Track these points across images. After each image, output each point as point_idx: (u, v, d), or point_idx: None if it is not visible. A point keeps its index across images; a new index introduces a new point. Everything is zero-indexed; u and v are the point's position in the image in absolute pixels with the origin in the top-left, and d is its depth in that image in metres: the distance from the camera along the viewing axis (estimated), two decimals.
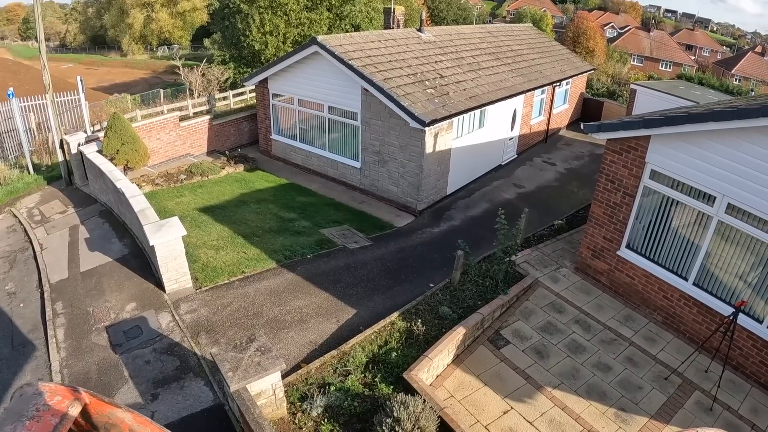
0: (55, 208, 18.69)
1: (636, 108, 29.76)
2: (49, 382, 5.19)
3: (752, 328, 11.39)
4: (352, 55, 19.58)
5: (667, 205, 12.69)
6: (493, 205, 20.65)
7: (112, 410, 5.41)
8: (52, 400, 4.91)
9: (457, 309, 13.03)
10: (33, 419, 4.70)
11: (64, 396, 5.00)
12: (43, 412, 4.77)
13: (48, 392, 4.97)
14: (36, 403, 4.86)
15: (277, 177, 22.85)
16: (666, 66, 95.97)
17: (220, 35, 43.29)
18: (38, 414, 4.74)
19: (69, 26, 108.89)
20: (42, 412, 4.77)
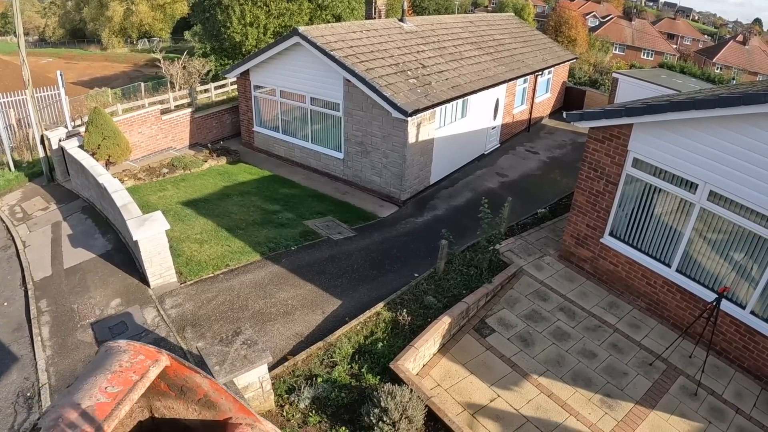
0: (37, 205, 18.55)
1: (618, 97, 29.90)
2: (135, 342, 5.36)
3: (735, 314, 11.53)
4: (333, 45, 19.53)
5: (649, 193, 12.78)
6: (476, 194, 20.71)
7: (190, 374, 5.52)
8: (135, 358, 5.09)
9: (442, 298, 13.08)
10: (115, 374, 4.88)
11: (147, 356, 5.19)
12: (125, 368, 4.95)
13: (132, 351, 5.16)
14: (120, 360, 5.06)
15: (259, 169, 22.78)
16: (648, 55, 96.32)
17: (201, 27, 43.03)
18: (120, 370, 4.92)
19: (48, 20, 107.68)
20: (124, 369, 4.95)
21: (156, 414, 6.05)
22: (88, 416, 4.62)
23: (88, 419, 4.60)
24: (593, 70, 44.37)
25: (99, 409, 4.67)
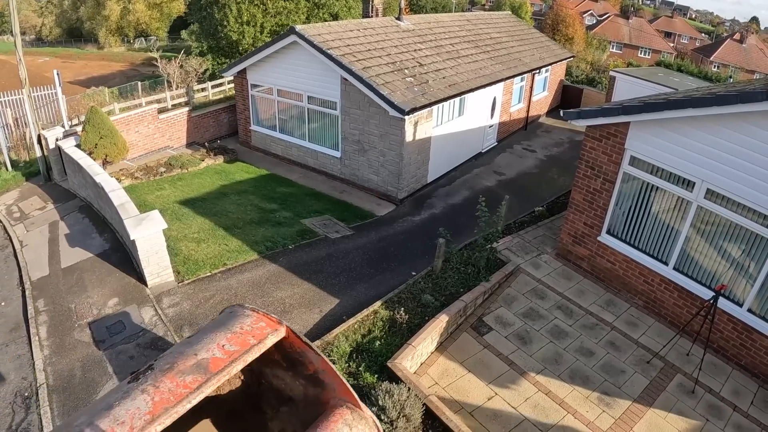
0: (35, 205, 18.53)
1: (615, 95, 29.87)
2: (259, 309, 5.51)
3: (732, 312, 11.55)
4: (330, 44, 19.52)
5: (646, 191, 12.80)
6: (473, 192, 20.71)
7: (304, 350, 5.67)
8: (256, 324, 5.28)
9: (439, 297, 13.08)
10: (235, 334, 5.11)
11: (269, 324, 5.42)
12: (245, 331, 5.14)
13: (255, 317, 5.38)
14: (242, 323, 5.32)
15: (257, 168, 22.77)
16: (645, 53, 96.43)
17: (198, 26, 42.95)
18: (241, 332, 5.12)
19: (45, 19, 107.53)
20: (245, 332, 5.16)
21: (263, 380, 6.27)
22: (201, 367, 4.86)
23: (200, 369, 4.83)
24: (590, 68, 44.45)
25: (213, 362, 4.91)
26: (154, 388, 4.67)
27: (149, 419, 4.39)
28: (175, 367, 4.82)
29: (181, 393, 4.53)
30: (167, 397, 4.52)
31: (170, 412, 4.46)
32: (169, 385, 4.65)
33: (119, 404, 4.58)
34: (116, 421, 4.38)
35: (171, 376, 4.73)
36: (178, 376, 4.73)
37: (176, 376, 4.72)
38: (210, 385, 4.73)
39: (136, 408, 4.45)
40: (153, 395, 4.55)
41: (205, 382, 4.73)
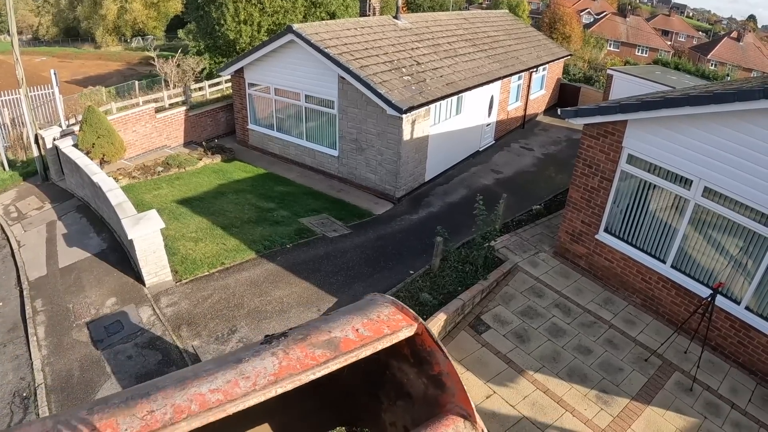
0: (32, 204, 18.51)
1: (613, 93, 29.91)
2: (397, 302, 5.65)
3: (730, 309, 11.56)
4: (328, 43, 19.51)
5: (644, 189, 12.81)
6: (471, 191, 20.71)
7: (434, 349, 5.71)
8: (393, 315, 5.42)
9: (437, 295, 13.09)
10: (371, 321, 5.29)
11: (404, 318, 5.56)
12: (381, 320, 5.30)
13: (393, 308, 5.57)
14: (380, 311, 5.48)
15: (254, 167, 22.76)
16: (642, 51, 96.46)
17: (195, 25, 42.82)
18: (377, 319, 5.31)
19: (41, 19, 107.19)
20: (380, 320, 5.33)
21: (388, 371, 6.36)
22: (333, 344, 5.02)
23: (331, 346, 4.98)
24: (588, 66, 44.41)
25: (344, 342, 5.07)
26: (284, 353, 4.87)
27: (272, 380, 4.58)
28: (308, 339, 5.04)
29: (308, 363, 4.73)
30: (294, 365, 4.72)
31: (293, 379, 4.63)
32: (298, 353, 4.85)
33: (248, 361, 4.81)
34: (242, 374, 4.61)
35: (302, 347, 4.95)
36: (309, 347, 4.93)
37: (307, 348, 4.93)
38: (336, 363, 4.93)
39: (263, 367, 4.67)
40: (281, 360, 4.76)
41: (333, 358, 4.91)
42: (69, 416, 4.64)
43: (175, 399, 4.49)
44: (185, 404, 4.42)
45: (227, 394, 4.49)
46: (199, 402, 4.45)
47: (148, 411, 4.42)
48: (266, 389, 4.51)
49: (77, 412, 4.67)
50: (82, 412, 4.67)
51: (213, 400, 4.44)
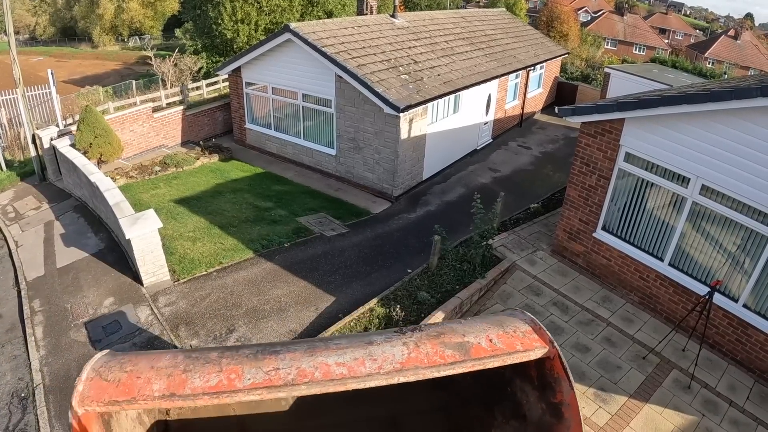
0: (30, 204, 18.49)
1: (610, 91, 29.90)
2: (536, 322, 5.64)
3: (728, 307, 11.57)
4: (325, 42, 19.50)
5: (642, 187, 12.82)
6: (469, 189, 20.71)
7: (561, 376, 5.62)
8: (529, 334, 5.41)
9: (435, 294, 13.10)
10: (507, 334, 5.31)
11: (539, 339, 5.54)
12: (516, 336, 5.33)
13: (530, 327, 5.59)
14: (516, 327, 5.44)
15: (252, 166, 22.75)
16: (640, 50, 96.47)
17: (192, 24, 42.80)
18: (513, 334, 5.35)
19: (38, 18, 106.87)
20: (515, 336, 5.39)
21: (509, 388, 6.33)
22: (464, 348, 5.04)
23: (461, 349, 5.01)
24: (585, 65, 44.44)
25: (475, 349, 5.08)
26: (414, 345, 4.94)
27: (398, 368, 4.68)
28: (441, 338, 5.11)
29: (435, 360, 4.80)
30: (422, 358, 4.80)
31: (418, 372, 4.72)
32: (428, 349, 4.93)
33: (378, 344, 4.93)
34: (370, 355, 4.73)
35: (434, 343, 5.02)
36: (440, 345, 4.99)
37: (438, 345, 5.00)
38: (463, 367, 4.98)
39: (391, 354, 4.77)
40: (411, 351, 4.83)
41: (461, 361, 4.94)
42: (200, 354, 4.88)
43: (301, 363, 4.63)
44: (310, 370, 4.56)
45: (351, 370, 4.59)
46: (323, 371, 4.58)
47: (273, 367, 4.61)
48: (390, 375, 4.57)
49: (208, 352, 4.87)
50: (213, 353, 4.86)
51: (337, 372, 4.56)
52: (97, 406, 4.67)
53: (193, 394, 4.44)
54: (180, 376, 4.60)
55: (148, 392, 4.56)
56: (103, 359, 5.23)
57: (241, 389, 4.45)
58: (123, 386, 4.70)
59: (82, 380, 4.88)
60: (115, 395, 4.66)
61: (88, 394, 4.75)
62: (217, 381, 4.51)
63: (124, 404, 4.61)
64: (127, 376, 4.79)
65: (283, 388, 4.44)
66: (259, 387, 4.46)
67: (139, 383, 4.68)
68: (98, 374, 4.98)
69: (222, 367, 4.63)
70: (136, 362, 5.01)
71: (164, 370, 4.73)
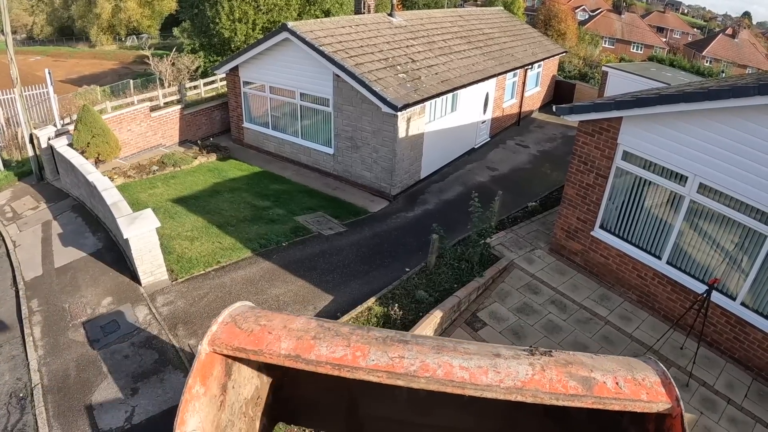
0: (27, 204, 18.47)
1: (608, 90, 29.93)
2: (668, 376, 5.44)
3: (726, 305, 11.59)
4: (323, 41, 19.49)
5: (639, 186, 12.83)
6: (467, 188, 20.72)
7: None
8: (657, 386, 5.26)
9: (433, 292, 13.10)
10: (635, 381, 5.13)
11: (666, 394, 5.28)
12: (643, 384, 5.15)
13: (659, 379, 5.35)
14: (646, 375, 5.23)
15: (250, 165, 22.74)
16: (637, 48, 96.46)
17: (189, 23, 42.77)
18: (641, 382, 5.16)
19: (36, 18, 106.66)
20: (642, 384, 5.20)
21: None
22: (587, 384, 4.89)
23: (585, 384, 4.87)
24: (583, 63, 44.41)
25: (599, 388, 4.92)
26: (540, 368, 4.84)
27: (518, 386, 4.59)
28: (568, 367, 4.99)
29: (557, 388, 4.73)
30: (544, 383, 4.76)
31: (537, 395, 4.70)
32: (553, 375, 4.86)
33: (505, 358, 4.86)
34: (494, 367, 4.69)
35: (560, 371, 4.94)
36: (565, 375, 4.89)
37: (563, 374, 4.91)
38: (583, 402, 4.85)
39: (515, 371, 4.70)
40: (535, 373, 4.75)
41: (582, 396, 4.82)
42: (332, 326, 4.99)
43: (426, 357, 4.63)
44: (433, 366, 4.56)
45: (473, 376, 4.57)
46: (446, 370, 4.57)
47: (399, 355, 4.64)
48: (508, 391, 4.53)
49: (341, 326, 5.01)
50: (345, 328, 4.99)
51: (458, 375, 4.54)
52: (225, 349, 4.82)
53: (317, 361, 4.56)
54: (309, 341, 4.73)
55: (276, 349, 4.69)
56: (242, 309, 5.36)
57: (363, 367, 4.53)
58: (254, 337, 4.84)
59: (218, 323, 5.02)
60: (245, 344, 4.79)
61: (220, 336, 4.89)
62: (342, 354, 4.61)
63: (251, 354, 4.74)
64: (260, 330, 4.91)
65: (403, 376, 4.48)
66: (380, 369, 4.53)
67: (269, 338, 4.79)
68: (234, 321, 5.11)
69: (350, 343, 4.73)
70: (270, 318, 5.13)
71: (295, 332, 4.86)
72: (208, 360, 4.85)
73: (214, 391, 4.99)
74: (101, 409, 9.97)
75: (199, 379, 4.76)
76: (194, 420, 4.62)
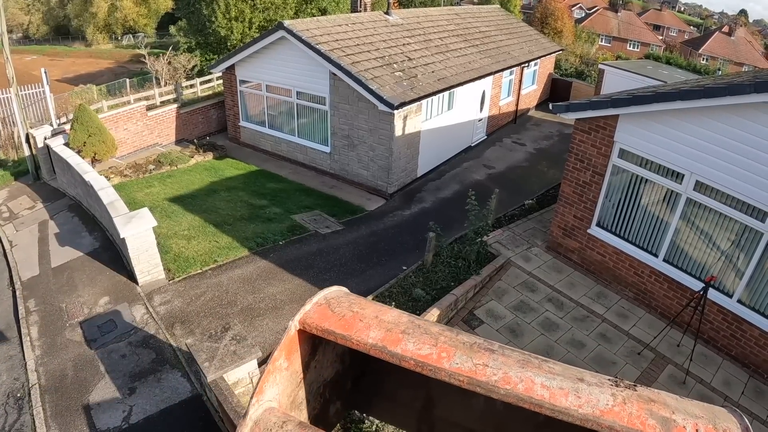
0: (24, 204, 18.44)
1: (604, 88, 29.97)
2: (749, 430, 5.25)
3: (722, 303, 11.63)
4: (319, 39, 19.48)
5: (636, 183, 12.85)
6: (463, 186, 20.72)
7: None
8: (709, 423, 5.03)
9: (430, 291, 13.11)
10: (713, 429, 4.90)
11: None
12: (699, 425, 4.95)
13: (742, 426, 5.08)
14: (728, 427, 4.96)
15: (246, 164, 22.72)
16: (634, 46, 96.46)
17: (186, 22, 42.66)
18: (720, 430, 4.91)
19: (32, 17, 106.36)
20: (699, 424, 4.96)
21: None
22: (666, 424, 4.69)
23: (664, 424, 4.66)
24: (579, 61, 44.50)
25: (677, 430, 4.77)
26: (622, 400, 4.75)
27: (596, 415, 4.47)
28: (650, 405, 4.84)
29: (634, 423, 4.54)
30: (622, 416, 4.59)
31: (612, 427, 4.52)
32: (633, 410, 4.73)
33: (588, 384, 4.80)
34: (575, 391, 4.63)
35: (640, 407, 4.79)
36: (645, 412, 4.76)
37: (644, 411, 4.75)
38: None
39: (596, 398, 4.63)
40: (615, 404, 4.68)
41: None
42: (422, 323, 5.00)
43: (509, 369, 4.61)
44: (515, 379, 4.54)
45: (553, 397, 4.52)
46: (526, 386, 4.54)
47: (483, 363, 4.62)
48: (586, 418, 4.45)
49: (431, 325, 4.99)
50: (435, 327, 4.97)
51: (538, 393, 4.50)
52: (315, 329, 4.89)
53: (402, 355, 4.56)
54: (397, 334, 4.76)
55: (363, 337, 4.72)
56: (337, 293, 5.42)
57: (446, 369, 4.50)
58: (344, 322, 4.88)
59: (312, 302, 5.11)
60: (334, 327, 4.84)
61: (312, 316, 4.96)
62: (428, 352, 4.61)
63: (338, 338, 4.78)
64: (352, 316, 4.95)
65: (483, 384, 4.44)
66: (462, 374, 4.49)
67: (359, 326, 4.82)
68: (328, 303, 5.17)
69: (437, 342, 4.72)
70: (364, 307, 5.16)
71: (386, 324, 4.89)
72: (296, 337, 4.93)
73: (296, 368, 5.07)
74: (99, 409, 9.97)
75: (284, 354, 4.83)
76: (272, 391, 4.67)
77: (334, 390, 5.94)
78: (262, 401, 4.57)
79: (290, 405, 5.08)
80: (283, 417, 4.53)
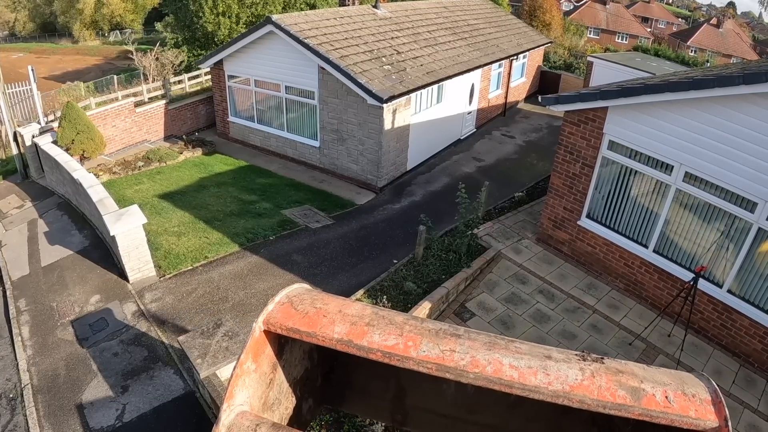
0: (12, 203, 18.34)
1: (593, 80, 30.05)
2: (719, 395, 5.24)
3: (712, 293, 11.69)
4: (307, 33, 19.42)
5: (625, 175, 12.89)
6: (453, 179, 20.74)
7: None
8: (706, 405, 4.94)
9: (421, 284, 13.13)
10: (684, 395, 4.87)
11: (715, 413, 4.96)
12: (693, 401, 4.92)
13: (710, 398, 5.05)
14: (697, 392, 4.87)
15: (235, 159, 22.66)
16: (622, 38, 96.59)
17: (173, 17, 42.46)
18: (691, 398, 4.89)
19: (18, 14, 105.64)
20: (692, 401, 4.93)
21: None
22: (636, 394, 4.69)
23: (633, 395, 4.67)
24: (568, 54, 44.56)
25: (647, 399, 4.73)
26: (590, 374, 4.74)
27: (566, 390, 4.43)
28: (618, 376, 4.84)
29: (604, 396, 4.54)
30: (592, 389, 4.59)
31: (583, 401, 4.50)
32: (602, 382, 4.72)
33: (555, 361, 4.65)
34: (544, 369, 4.52)
35: (609, 379, 4.79)
36: (615, 383, 4.75)
37: (613, 382, 4.75)
38: (629, 412, 4.70)
39: (565, 374, 4.48)
40: (585, 378, 4.63)
41: (629, 406, 4.71)
42: (387, 314, 4.86)
43: (477, 353, 4.49)
44: (483, 363, 4.43)
45: (522, 376, 4.39)
46: (495, 368, 4.42)
47: (450, 348, 4.51)
48: (555, 395, 4.45)
49: (395, 315, 4.93)
50: (399, 317, 4.94)
51: (507, 374, 4.37)
52: (279, 329, 4.83)
53: (369, 348, 4.46)
54: (362, 327, 4.68)
55: (329, 332, 4.69)
56: (299, 291, 5.38)
57: (413, 357, 4.49)
58: (308, 319, 4.84)
59: (275, 302, 5.05)
60: (299, 325, 4.80)
61: (276, 316, 4.92)
62: (394, 343, 4.51)
63: (304, 336, 4.75)
64: (315, 312, 4.92)
65: (452, 370, 4.44)
66: (430, 361, 4.48)
67: (323, 322, 4.80)
68: (290, 302, 5.13)
69: (403, 332, 4.67)
70: (327, 302, 5.13)
71: (350, 317, 4.84)
72: (261, 338, 4.90)
73: (265, 369, 5.05)
74: (92, 408, 9.95)
75: (251, 356, 4.81)
76: (243, 395, 4.66)
77: (305, 388, 5.95)
78: (233, 406, 4.57)
79: (262, 407, 5.08)
80: (256, 420, 4.54)
